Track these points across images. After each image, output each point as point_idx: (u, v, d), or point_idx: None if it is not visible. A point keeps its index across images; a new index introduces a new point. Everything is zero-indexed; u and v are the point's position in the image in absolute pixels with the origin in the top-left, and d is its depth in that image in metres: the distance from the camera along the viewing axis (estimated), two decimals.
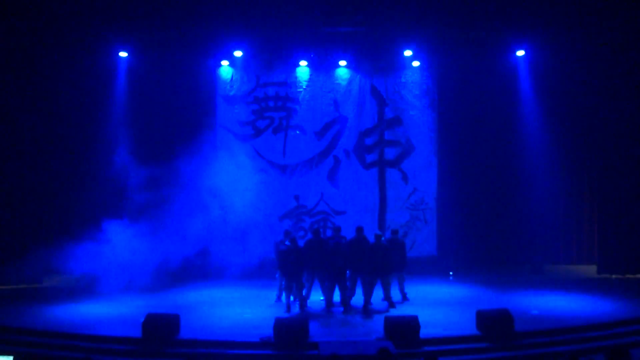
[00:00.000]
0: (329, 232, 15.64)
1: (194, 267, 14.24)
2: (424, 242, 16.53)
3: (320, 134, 16.52)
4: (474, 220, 16.76)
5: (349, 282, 12.70)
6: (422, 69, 16.59)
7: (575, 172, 16.87)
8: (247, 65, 16.27)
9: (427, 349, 10.09)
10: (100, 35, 14.98)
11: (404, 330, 10.24)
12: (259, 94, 16.50)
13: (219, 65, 16.34)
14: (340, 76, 16.54)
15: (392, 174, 16.64)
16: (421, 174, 16.60)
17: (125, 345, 10.44)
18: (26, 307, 12.85)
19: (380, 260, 12.38)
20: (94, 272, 13.63)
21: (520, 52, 15.87)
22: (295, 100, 16.50)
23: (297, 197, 16.46)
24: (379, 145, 16.67)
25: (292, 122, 16.54)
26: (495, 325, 10.48)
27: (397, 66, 16.44)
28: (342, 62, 16.30)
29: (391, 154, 16.67)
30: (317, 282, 13.00)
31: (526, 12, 14.88)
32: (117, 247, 13.55)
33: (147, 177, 15.68)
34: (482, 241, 16.78)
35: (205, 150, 15.80)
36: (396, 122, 16.65)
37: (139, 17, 14.69)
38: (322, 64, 16.31)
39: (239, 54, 15.82)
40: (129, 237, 13.62)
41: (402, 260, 13.23)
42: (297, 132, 16.53)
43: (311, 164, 16.51)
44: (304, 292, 12.72)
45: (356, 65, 16.35)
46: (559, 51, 15.76)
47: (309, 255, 12.61)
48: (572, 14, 14.94)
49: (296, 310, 12.44)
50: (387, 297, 12.75)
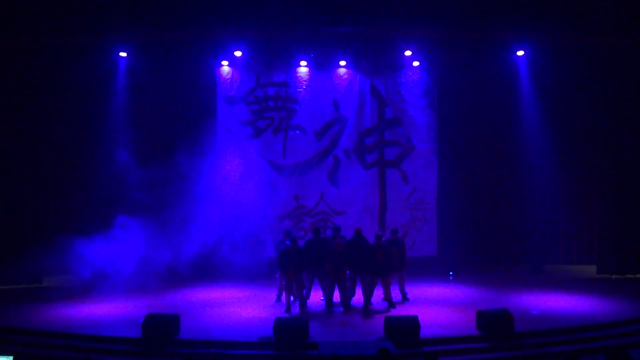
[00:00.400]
0: (328, 232, 15.64)
1: (194, 267, 14.22)
2: (424, 242, 16.54)
3: (320, 134, 16.52)
4: (474, 220, 16.78)
5: (349, 282, 12.71)
6: (422, 69, 16.60)
7: (575, 172, 16.86)
8: (247, 65, 16.28)
9: (427, 349, 10.10)
10: (100, 35, 14.97)
11: (404, 330, 10.23)
12: (259, 94, 16.50)
13: (219, 65, 16.34)
14: (340, 76, 16.54)
15: (392, 174, 16.65)
16: (421, 174, 16.60)
17: (125, 345, 10.45)
18: (26, 307, 12.86)
19: (380, 260, 12.38)
20: (94, 272, 13.62)
21: (520, 52, 15.87)
22: (295, 100, 16.50)
23: (297, 197, 16.46)
24: (379, 145, 16.67)
25: (292, 122, 16.54)
26: (495, 325, 10.48)
27: (397, 66, 16.44)
28: (342, 62, 16.30)
29: (391, 154, 16.67)
30: (317, 282, 13.01)
31: (526, 12, 14.87)
32: (117, 247, 13.55)
33: (147, 177, 15.69)
34: (482, 241, 16.80)
35: (205, 150, 15.81)
36: (396, 122, 16.65)
37: (139, 17, 14.68)
38: (322, 64, 16.31)
39: (239, 54, 15.82)
40: (129, 237, 13.62)
41: (402, 260, 13.25)
42: (297, 132, 16.54)
43: (311, 164, 16.51)
44: (304, 292, 12.73)
45: (356, 65, 16.35)
46: (559, 51, 15.76)
47: (309, 254, 12.63)
48: (572, 14, 14.94)
49: (296, 310, 12.44)
50: (387, 297, 12.76)
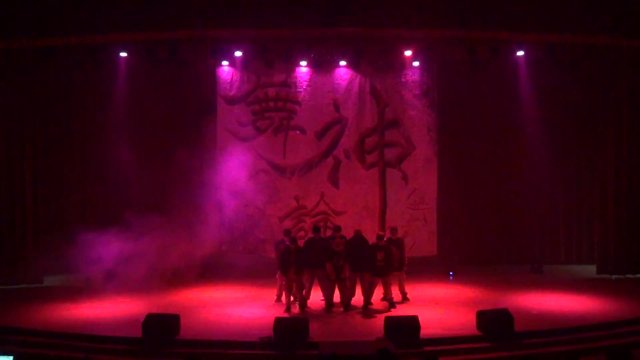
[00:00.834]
0: (328, 232, 15.61)
1: (194, 267, 14.22)
2: (424, 242, 16.48)
3: (320, 134, 16.49)
4: (474, 220, 16.77)
5: (349, 282, 12.70)
6: (422, 69, 16.56)
7: (575, 172, 16.86)
8: (247, 65, 16.23)
9: (427, 349, 10.10)
10: (100, 35, 14.96)
11: (404, 330, 10.24)
12: (259, 94, 16.45)
13: (219, 65, 16.32)
14: (340, 76, 16.50)
15: (392, 174, 16.61)
16: (421, 174, 16.56)
17: (125, 345, 10.45)
18: (26, 307, 12.85)
19: (381, 260, 12.37)
20: (94, 272, 13.63)
21: (520, 52, 15.86)
22: (295, 100, 16.46)
23: (297, 197, 16.44)
24: (379, 145, 16.63)
25: (293, 123, 16.50)
26: (495, 325, 10.48)
27: (397, 66, 16.40)
28: (342, 62, 16.28)
29: (391, 154, 16.64)
30: (317, 282, 13.01)
31: (526, 12, 14.87)
32: (117, 247, 13.56)
33: (147, 177, 15.71)
34: (482, 241, 16.79)
35: (205, 150, 15.81)
36: (396, 122, 16.61)
37: (139, 17, 14.69)
38: (322, 64, 16.28)
39: (239, 54, 15.81)
40: (129, 237, 13.63)
41: (402, 260, 13.24)
42: (297, 132, 16.52)
43: (311, 164, 16.48)
44: (304, 292, 12.73)
45: (356, 65, 16.32)
46: (559, 51, 15.74)
47: (309, 254, 12.63)
48: (572, 14, 14.94)
49: (296, 310, 12.44)
50: (387, 297, 12.75)
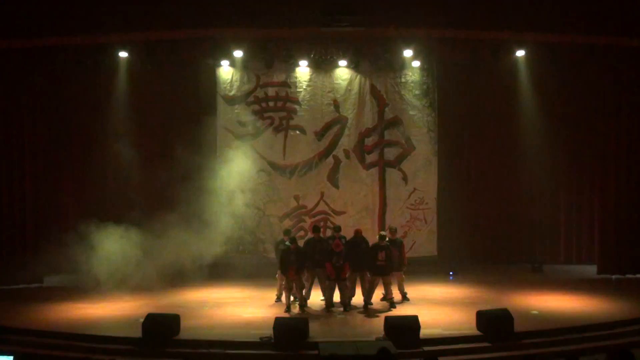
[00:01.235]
0: (328, 232, 15.61)
1: (194, 267, 14.22)
2: (424, 242, 16.52)
3: (320, 134, 16.50)
4: (474, 220, 16.77)
5: (349, 282, 12.70)
6: (422, 69, 16.58)
7: (575, 172, 16.85)
8: (247, 65, 16.24)
9: (427, 349, 10.09)
10: (100, 35, 14.96)
11: (404, 330, 10.24)
12: (259, 94, 16.48)
13: (219, 65, 16.32)
14: (340, 76, 16.52)
15: (392, 174, 16.63)
16: (421, 174, 16.58)
17: (125, 345, 10.45)
18: (26, 307, 12.85)
19: (382, 260, 12.37)
20: (94, 272, 13.63)
21: (520, 52, 15.86)
22: (295, 100, 16.48)
23: (297, 197, 16.45)
24: (379, 145, 16.65)
25: (292, 123, 16.52)
26: (495, 325, 10.48)
27: (397, 66, 16.40)
28: (342, 62, 16.28)
29: (391, 154, 16.65)
30: (317, 282, 13.01)
31: (526, 12, 14.86)
32: (117, 247, 13.56)
33: (147, 177, 15.69)
34: (482, 241, 16.80)
35: (205, 150, 15.81)
36: (396, 122, 16.63)
37: (139, 17, 14.67)
38: (322, 64, 16.29)
39: (239, 54, 15.80)
40: (129, 237, 13.63)
41: (401, 260, 13.24)
42: (297, 132, 16.52)
43: (311, 164, 16.49)
44: (304, 292, 12.73)
45: (356, 65, 16.32)
46: (559, 51, 15.73)
47: (309, 254, 12.63)
48: (572, 14, 14.93)
49: (296, 310, 12.44)
50: (387, 297, 12.75)
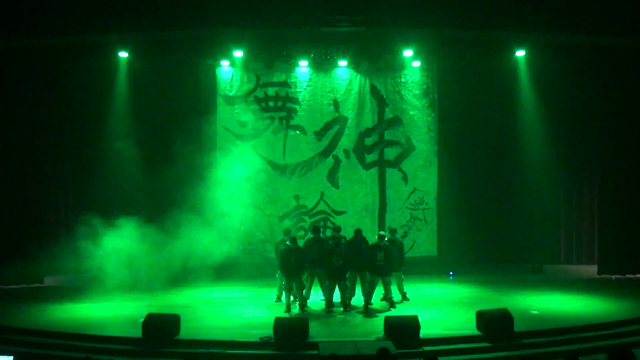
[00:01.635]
0: (328, 232, 15.61)
1: (194, 267, 14.21)
2: (424, 242, 16.53)
3: (320, 134, 16.50)
4: (474, 220, 16.76)
5: (349, 282, 12.71)
6: (422, 69, 16.59)
7: (575, 171, 16.86)
8: (247, 65, 16.26)
9: (427, 349, 10.10)
10: (100, 35, 14.96)
11: (404, 330, 10.24)
12: (259, 94, 16.48)
13: (219, 65, 16.33)
14: (340, 76, 16.52)
15: (392, 174, 16.63)
16: (421, 174, 16.59)
17: (125, 345, 10.45)
18: (26, 307, 12.85)
19: (382, 260, 12.38)
20: (94, 272, 13.62)
21: (520, 53, 15.87)
22: (295, 100, 16.48)
23: (297, 197, 16.45)
24: (379, 145, 16.65)
25: (292, 122, 16.52)
26: (495, 325, 10.48)
27: (397, 66, 16.42)
28: (342, 62, 16.28)
29: (391, 154, 16.65)
30: (317, 282, 13.01)
31: (526, 12, 14.87)
32: (118, 247, 13.55)
33: (147, 177, 15.69)
34: (482, 241, 16.79)
35: (205, 150, 15.80)
36: (396, 122, 16.63)
37: (139, 17, 14.68)
38: (322, 64, 16.30)
39: (239, 54, 15.81)
40: (129, 237, 13.62)
41: (401, 260, 13.24)
42: (297, 132, 16.53)
43: (311, 164, 16.49)
44: (304, 292, 12.73)
45: (356, 65, 16.34)
46: (559, 51, 15.75)
47: (309, 254, 12.63)
48: (572, 14, 14.92)
49: (296, 310, 12.44)
50: (387, 297, 12.76)
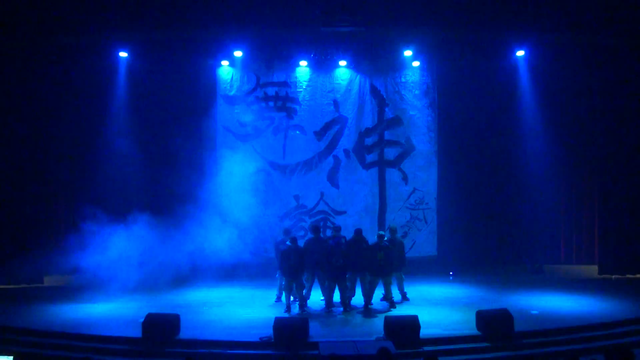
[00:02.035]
0: (328, 232, 15.63)
1: (194, 267, 14.23)
2: (424, 242, 16.53)
3: (320, 134, 16.51)
4: (474, 220, 16.78)
5: (349, 282, 12.70)
6: (422, 69, 16.60)
7: (575, 171, 16.85)
8: (247, 65, 16.27)
9: (427, 349, 10.10)
10: (100, 35, 14.97)
11: (404, 330, 10.24)
12: (259, 94, 16.49)
13: (219, 65, 16.34)
14: (340, 76, 16.54)
15: (392, 174, 16.64)
16: (421, 174, 16.60)
17: (125, 345, 10.45)
18: (26, 307, 12.85)
19: (382, 260, 12.38)
20: (94, 272, 13.62)
21: (520, 52, 15.87)
22: (295, 100, 16.50)
23: (297, 197, 16.46)
24: (379, 145, 16.66)
25: (292, 122, 16.53)
26: (495, 325, 10.48)
27: (397, 66, 16.43)
28: (342, 62, 16.29)
29: (391, 154, 16.66)
30: (317, 282, 13.01)
31: (526, 12, 14.87)
32: (118, 247, 13.55)
33: (146, 177, 15.71)
34: (482, 241, 16.80)
35: (205, 150, 15.81)
36: (396, 122, 16.64)
37: (139, 17, 14.68)
38: (322, 64, 16.31)
39: (239, 54, 15.81)
40: (129, 237, 13.62)
41: (401, 260, 13.24)
42: (297, 132, 16.53)
43: (311, 164, 16.50)
44: (304, 292, 12.73)
45: (356, 65, 16.35)
46: (559, 51, 15.76)
47: (309, 254, 12.63)
48: (572, 14, 14.94)
49: (296, 310, 12.44)
50: (387, 297, 12.75)
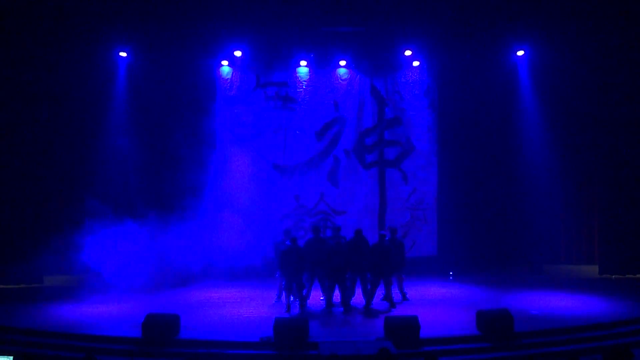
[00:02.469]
0: (328, 232, 15.62)
1: (194, 267, 14.23)
2: (424, 242, 16.55)
3: (320, 134, 16.52)
4: (474, 220, 16.77)
5: (349, 282, 12.70)
6: (422, 69, 16.61)
7: (575, 171, 16.84)
8: (247, 65, 16.28)
9: (427, 349, 10.09)
10: (100, 35, 14.98)
11: (404, 330, 10.24)
12: (259, 94, 16.50)
13: (219, 65, 16.34)
14: (340, 76, 16.55)
15: (392, 174, 16.65)
16: (421, 174, 16.61)
17: (125, 345, 10.45)
18: (26, 307, 12.85)
19: (383, 260, 12.38)
20: (94, 272, 13.63)
21: (520, 52, 15.87)
22: (295, 100, 16.50)
23: (297, 197, 16.46)
24: (379, 145, 16.67)
25: (292, 122, 16.53)
26: (495, 325, 10.48)
27: (397, 66, 16.45)
28: (342, 62, 16.30)
29: (391, 154, 16.67)
30: (317, 282, 13.01)
31: (526, 12, 14.88)
32: (118, 247, 13.56)
33: (147, 177, 15.70)
34: (482, 241, 16.79)
35: (205, 150, 15.81)
36: (396, 122, 16.66)
37: (139, 17, 14.69)
38: (322, 64, 16.31)
39: (239, 54, 15.82)
40: (130, 237, 13.63)
41: (401, 260, 13.24)
42: (297, 132, 16.53)
43: (311, 164, 16.51)
44: (304, 292, 12.73)
45: (356, 65, 16.36)
46: (559, 51, 15.76)
47: (309, 254, 12.62)
48: (572, 14, 14.94)
49: (296, 310, 12.44)
50: (387, 297, 12.75)
